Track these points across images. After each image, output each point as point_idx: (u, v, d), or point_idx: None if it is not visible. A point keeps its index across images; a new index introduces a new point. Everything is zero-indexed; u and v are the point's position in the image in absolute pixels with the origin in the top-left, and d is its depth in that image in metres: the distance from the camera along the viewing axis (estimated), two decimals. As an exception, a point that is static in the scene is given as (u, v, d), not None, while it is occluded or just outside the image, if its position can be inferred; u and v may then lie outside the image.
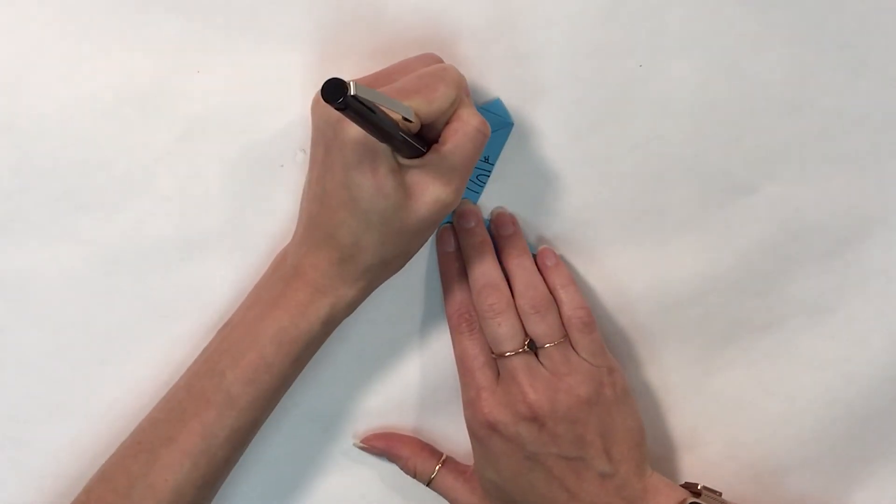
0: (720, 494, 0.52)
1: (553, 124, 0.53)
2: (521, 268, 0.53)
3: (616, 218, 0.54)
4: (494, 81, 0.52)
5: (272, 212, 0.54)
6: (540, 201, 0.54)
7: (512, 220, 0.54)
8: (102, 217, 0.53)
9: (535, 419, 0.50)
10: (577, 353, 0.52)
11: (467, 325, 0.53)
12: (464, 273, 0.54)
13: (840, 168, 0.53)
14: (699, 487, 0.53)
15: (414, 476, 0.56)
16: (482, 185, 0.54)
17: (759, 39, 0.51)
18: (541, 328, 0.51)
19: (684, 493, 0.51)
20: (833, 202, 0.54)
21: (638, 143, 0.53)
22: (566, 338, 0.52)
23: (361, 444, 0.56)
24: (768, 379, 0.56)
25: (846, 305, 0.55)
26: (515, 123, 0.52)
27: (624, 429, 0.52)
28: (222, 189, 0.53)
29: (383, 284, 0.51)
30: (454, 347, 0.54)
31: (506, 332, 0.51)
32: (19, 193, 0.52)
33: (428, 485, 0.55)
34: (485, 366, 0.52)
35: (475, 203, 0.54)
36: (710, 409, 0.57)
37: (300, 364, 0.50)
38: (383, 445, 0.56)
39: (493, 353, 0.52)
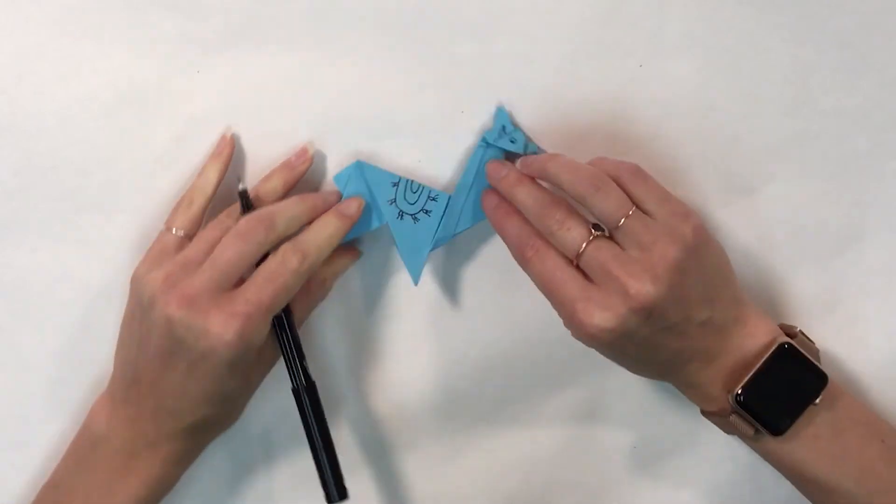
0: (814, 344, 0.51)
1: (553, 124, 0.53)
2: (559, 163, 0.50)
3: (616, 218, 0.54)
4: (495, 81, 0.52)
5: (272, 212, 0.54)
6: (540, 201, 0.54)
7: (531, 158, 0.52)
8: (102, 217, 0.53)
9: (643, 309, 0.46)
10: (647, 214, 0.48)
11: (532, 250, 0.49)
12: (514, 212, 0.51)
13: (840, 168, 0.53)
14: (797, 330, 0.51)
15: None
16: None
17: (759, 39, 0.51)
18: (609, 203, 0.48)
19: (777, 332, 0.50)
20: (833, 202, 0.54)
21: (638, 143, 0.53)
22: (635, 207, 0.48)
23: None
24: (768, 379, 0.56)
25: (846, 305, 0.55)
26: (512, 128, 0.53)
27: (715, 269, 0.49)
28: (222, 189, 0.53)
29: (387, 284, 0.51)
30: (533, 278, 0.49)
31: (577, 234, 0.48)
32: (19, 193, 0.52)
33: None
34: (570, 277, 0.48)
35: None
36: (710, 408, 0.57)
37: None
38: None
39: (571, 260, 0.48)
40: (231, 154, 0.52)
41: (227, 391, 0.49)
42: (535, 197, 0.50)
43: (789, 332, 0.51)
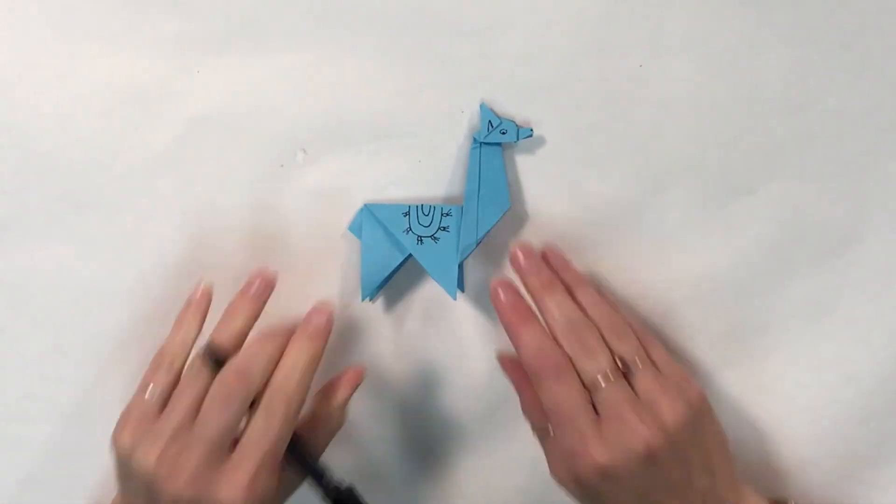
0: None
1: (553, 124, 0.53)
2: (590, 298, 0.51)
3: (616, 218, 0.54)
4: (495, 81, 0.52)
5: (272, 211, 0.54)
6: (540, 202, 0.54)
7: (562, 253, 0.53)
8: (102, 217, 0.53)
9: (650, 456, 0.46)
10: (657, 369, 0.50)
11: (554, 369, 0.48)
12: (532, 318, 0.50)
13: (840, 168, 0.53)
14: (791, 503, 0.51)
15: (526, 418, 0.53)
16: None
17: (759, 39, 0.51)
18: (626, 349, 0.49)
19: None
20: (833, 202, 0.54)
21: (638, 143, 0.53)
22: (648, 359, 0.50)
23: (501, 358, 0.54)
24: (768, 379, 0.56)
25: (846, 305, 0.55)
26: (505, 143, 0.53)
27: (715, 436, 0.50)
28: (222, 189, 0.53)
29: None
30: (543, 396, 0.49)
31: (600, 366, 0.48)
32: (19, 193, 0.53)
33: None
34: (585, 409, 0.48)
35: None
36: (710, 409, 0.57)
37: None
38: (517, 377, 0.53)
39: (587, 388, 0.48)
40: (208, 306, 0.51)
41: None
42: (567, 314, 0.50)
43: (782, 502, 0.52)
